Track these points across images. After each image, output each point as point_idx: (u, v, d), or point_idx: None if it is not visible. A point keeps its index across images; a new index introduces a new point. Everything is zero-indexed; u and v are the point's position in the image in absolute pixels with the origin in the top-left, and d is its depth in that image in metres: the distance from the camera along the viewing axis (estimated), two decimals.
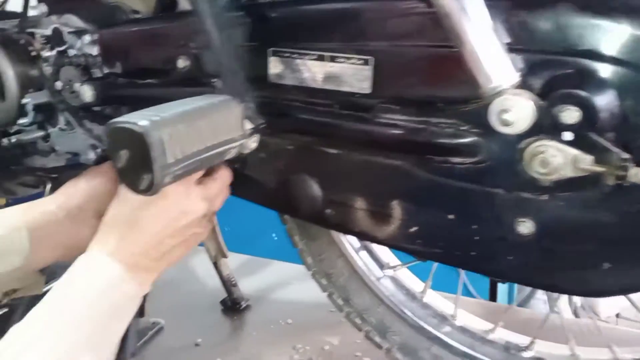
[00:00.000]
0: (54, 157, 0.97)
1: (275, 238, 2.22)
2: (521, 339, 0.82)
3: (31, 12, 1.15)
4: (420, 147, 0.62)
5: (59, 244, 0.71)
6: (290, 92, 0.68)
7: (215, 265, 1.22)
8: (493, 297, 2.07)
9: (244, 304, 1.28)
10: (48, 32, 0.88)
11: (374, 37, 0.61)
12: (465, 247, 0.64)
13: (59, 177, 0.89)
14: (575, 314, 2.09)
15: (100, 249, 0.60)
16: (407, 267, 0.88)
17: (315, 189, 0.71)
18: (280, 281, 1.39)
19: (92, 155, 0.94)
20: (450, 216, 0.63)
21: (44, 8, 0.89)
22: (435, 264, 0.87)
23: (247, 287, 1.33)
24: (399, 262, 0.87)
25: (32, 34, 0.92)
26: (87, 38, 0.87)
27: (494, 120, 0.54)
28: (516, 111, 0.52)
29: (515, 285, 2.10)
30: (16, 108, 0.91)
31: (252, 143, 0.62)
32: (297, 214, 0.76)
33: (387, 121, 0.62)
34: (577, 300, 2.03)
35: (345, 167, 0.68)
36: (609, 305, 2.21)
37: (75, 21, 0.87)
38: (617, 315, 2.30)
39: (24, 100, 0.90)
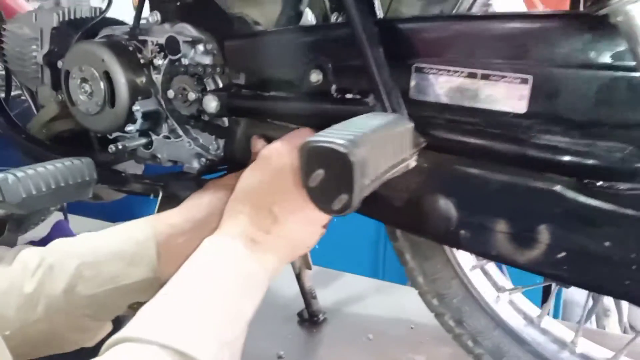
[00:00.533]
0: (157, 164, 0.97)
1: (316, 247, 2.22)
2: None
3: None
4: (582, 171, 0.59)
5: (184, 256, 0.71)
6: (433, 110, 0.66)
7: (298, 276, 1.21)
8: None
9: (321, 317, 1.26)
10: (161, 40, 0.88)
11: (537, 55, 0.59)
12: (619, 275, 0.61)
13: (166, 185, 0.89)
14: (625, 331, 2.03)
15: (219, 232, 0.61)
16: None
17: (450, 209, 0.68)
18: (355, 294, 1.37)
19: (196, 165, 0.94)
20: (606, 243, 0.60)
21: (157, 16, 0.89)
22: (555, 289, 0.85)
23: (322, 300, 1.32)
24: (513, 286, 0.84)
25: (143, 42, 0.91)
26: (200, 48, 0.87)
27: None
28: None
29: (561, 303, 2.04)
30: (125, 115, 0.91)
31: (413, 162, 0.61)
32: (426, 234, 0.74)
33: (545, 143, 0.60)
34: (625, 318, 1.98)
35: (488, 189, 0.65)
36: None
37: (189, 30, 0.87)
38: None
39: (134, 107, 0.89)
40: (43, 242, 1.50)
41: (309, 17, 0.83)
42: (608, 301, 1.95)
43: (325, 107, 0.69)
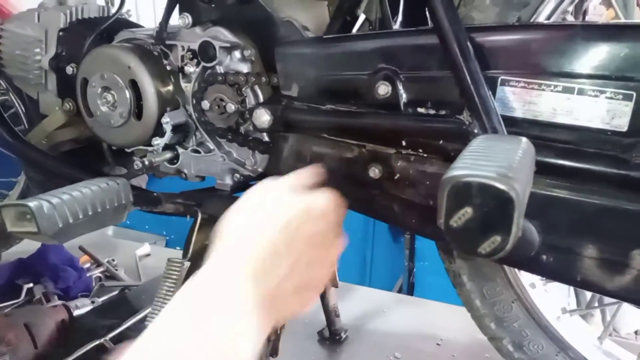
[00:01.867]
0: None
1: None
2: None
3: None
4: None
5: None
6: (520, 126, 0.61)
7: (323, 294, 1.14)
8: None
9: (344, 335, 1.20)
10: (193, 45, 0.80)
11: None
12: None
13: (201, 204, 0.81)
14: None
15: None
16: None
17: (532, 233, 0.64)
18: (376, 309, 1.32)
19: (229, 181, 0.86)
20: None
21: (188, 19, 0.81)
22: (617, 310, 0.81)
23: (343, 316, 1.26)
24: (575, 307, 0.81)
25: (170, 47, 0.83)
26: (237, 54, 0.80)
27: None
28: None
29: None
30: (153, 127, 0.82)
31: None
32: (504, 259, 0.69)
33: None
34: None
35: (577, 212, 0.61)
36: (630, 322, 2.18)
37: (225, 35, 0.79)
38: (636, 332, 2.28)
39: (163, 120, 0.81)
40: (33, 259, 1.39)
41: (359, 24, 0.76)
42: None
43: (401, 123, 0.63)
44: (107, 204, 0.65)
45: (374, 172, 0.69)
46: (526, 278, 0.79)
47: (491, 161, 0.40)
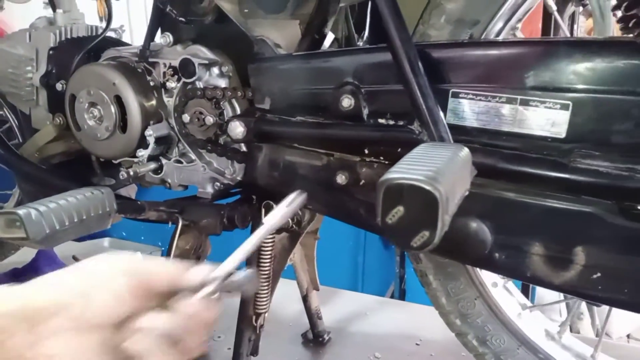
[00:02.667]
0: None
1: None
2: None
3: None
4: (622, 194, 0.60)
5: None
6: (470, 134, 0.66)
7: (305, 297, 1.19)
8: None
9: (327, 337, 1.25)
10: (175, 62, 0.86)
11: (578, 82, 0.60)
12: None
13: (183, 212, 0.86)
14: (597, 335, 2.09)
15: None
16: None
17: (485, 233, 0.69)
18: (358, 312, 1.37)
19: (210, 189, 0.91)
20: None
21: (169, 38, 0.87)
22: (575, 306, 0.86)
23: (326, 318, 1.30)
24: (533, 303, 0.86)
25: (153, 64, 0.89)
26: (215, 70, 0.85)
27: None
28: None
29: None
30: (137, 140, 0.88)
31: (467, 191, 0.61)
32: (460, 257, 0.74)
33: (585, 167, 0.61)
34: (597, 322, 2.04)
35: (523, 212, 0.66)
36: (621, 326, 2.22)
37: (204, 52, 0.85)
38: (628, 336, 2.31)
39: (147, 132, 0.87)
40: (27, 269, 1.43)
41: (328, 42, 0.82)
42: (582, 305, 2.01)
43: (362, 133, 0.68)
44: (91, 212, 0.70)
45: (342, 178, 0.74)
46: (488, 277, 0.84)
47: (423, 166, 0.45)
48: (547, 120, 0.63)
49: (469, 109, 0.66)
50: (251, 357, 0.95)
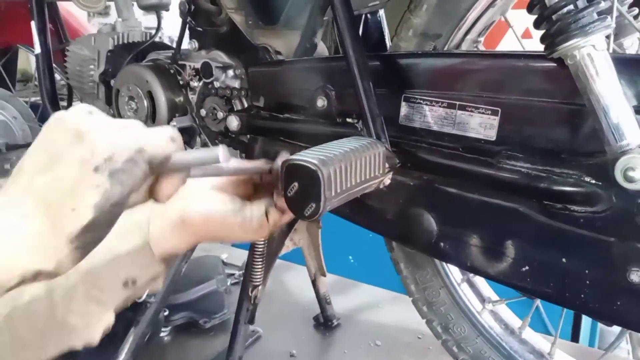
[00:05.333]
0: None
1: (352, 260, 2.30)
2: None
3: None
4: (541, 194, 0.67)
5: None
6: (418, 134, 0.75)
7: (314, 282, 1.31)
8: (575, 339, 2.02)
9: (335, 322, 1.35)
10: (198, 65, 1.02)
11: (505, 91, 0.68)
12: (575, 289, 0.68)
13: None
14: None
15: None
16: (506, 304, 0.92)
17: (432, 223, 0.77)
18: (368, 303, 1.46)
19: None
20: (563, 259, 0.68)
21: (195, 44, 1.03)
22: (537, 303, 0.91)
23: (337, 306, 1.41)
24: (498, 298, 0.92)
25: (182, 66, 1.05)
26: (230, 72, 1.00)
27: (618, 176, 0.59)
28: None
29: (598, 330, 2.05)
30: None
31: (388, 180, 0.70)
32: (412, 245, 0.83)
33: (510, 167, 0.68)
34: None
35: (463, 206, 0.74)
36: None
37: (221, 57, 1.00)
38: None
39: (171, 123, 1.03)
40: None
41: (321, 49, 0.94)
42: None
43: (324, 129, 0.80)
44: None
45: None
46: (455, 268, 0.92)
47: (321, 152, 0.56)
48: (480, 124, 0.71)
49: (418, 112, 0.75)
50: (248, 325, 1.08)
